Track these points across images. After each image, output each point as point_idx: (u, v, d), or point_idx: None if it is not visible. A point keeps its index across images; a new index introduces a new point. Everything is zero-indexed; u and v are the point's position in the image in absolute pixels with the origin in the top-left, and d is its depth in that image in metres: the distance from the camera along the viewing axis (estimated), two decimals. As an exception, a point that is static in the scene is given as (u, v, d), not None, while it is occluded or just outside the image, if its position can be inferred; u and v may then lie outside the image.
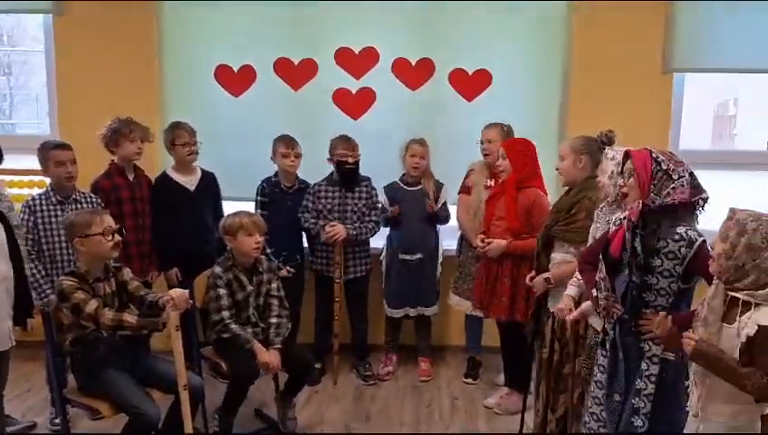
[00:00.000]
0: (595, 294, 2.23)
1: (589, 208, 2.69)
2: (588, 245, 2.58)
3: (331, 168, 3.79)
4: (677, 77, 3.98)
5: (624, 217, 2.15)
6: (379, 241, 4.00)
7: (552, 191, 3.41)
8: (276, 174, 3.83)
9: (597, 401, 2.31)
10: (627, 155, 2.19)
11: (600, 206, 2.59)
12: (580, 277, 2.55)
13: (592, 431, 2.32)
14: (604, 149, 2.68)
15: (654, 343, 2.13)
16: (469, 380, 3.85)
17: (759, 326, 1.69)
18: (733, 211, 1.82)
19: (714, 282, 1.83)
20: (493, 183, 3.57)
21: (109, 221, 2.66)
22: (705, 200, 2.10)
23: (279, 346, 3.03)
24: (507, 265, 3.23)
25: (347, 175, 3.73)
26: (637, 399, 2.13)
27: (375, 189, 3.85)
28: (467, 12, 3.98)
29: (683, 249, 2.03)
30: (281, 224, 3.59)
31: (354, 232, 3.70)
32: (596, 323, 2.47)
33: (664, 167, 2.07)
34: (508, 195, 3.20)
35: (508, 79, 4.05)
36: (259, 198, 3.79)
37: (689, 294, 2.14)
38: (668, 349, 2.12)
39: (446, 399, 3.64)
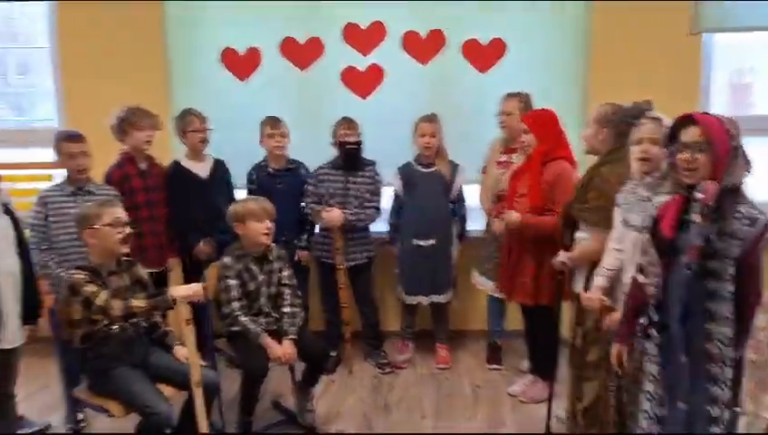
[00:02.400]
0: (642, 280, 2.00)
1: (599, 187, 2.51)
2: (612, 228, 2.40)
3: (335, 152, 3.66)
4: (707, 38, 3.75)
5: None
6: (384, 226, 3.87)
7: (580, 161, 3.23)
8: (266, 158, 3.71)
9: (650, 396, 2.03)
10: (690, 120, 1.88)
11: (631, 184, 2.34)
12: (606, 267, 2.39)
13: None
14: (632, 122, 2.45)
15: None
16: (494, 365, 3.72)
17: None
18: None
19: None
20: (506, 158, 3.41)
21: (118, 213, 2.59)
22: (749, 170, 1.87)
23: (293, 336, 2.93)
24: (529, 247, 3.07)
25: (349, 155, 3.59)
26: (714, 407, 1.86)
27: (379, 175, 3.71)
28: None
29: (745, 228, 1.79)
30: (276, 209, 3.35)
31: (353, 218, 3.57)
32: None
33: (734, 143, 1.82)
34: (533, 170, 3.03)
35: (524, 47, 3.86)
36: (248, 185, 3.70)
37: None
38: None
39: (468, 387, 3.53)
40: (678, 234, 1.88)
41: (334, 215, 3.51)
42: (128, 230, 2.59)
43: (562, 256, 2.68)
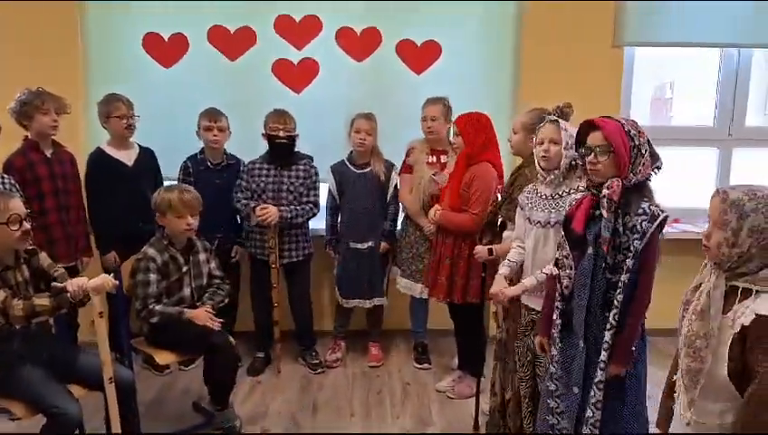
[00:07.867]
0: (556, 272, 2.13)
1: (523, 186, 2.58)
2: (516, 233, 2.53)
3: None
4: (628, 52, 3.92)
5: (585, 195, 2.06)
6: (321, 223, 3.78)
7: (507, 163, 3.28)
8: (202, 150, 3.57)
9: (552, 394, 2.17)
10: (593, 125, 2.01)
11: (531, 186, 2.47)
12: (510, 259, 2.51)
13: (548, 425, 2.17)
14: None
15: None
16: (425, 365, 3.69)
17: (757, 316, 1.50)
18: (724, 193, 1.59)
19: (712, 270, 1.64)
20: (435, 160, 3.46)
21: (14, 207, 2.31)
22: (660, 167, 2.01)
23: (209, 305, 2.92)
24: (448, 245, 3.13)
25: (278, 150, 3.47)
26: (593, 390, 2.00)
27: (315, 168, 3.59)
28: (415, -21, 3.79)
29: (644, 223, 1.92)
30: (211, 204, 3.16)
31: (288, 214, 3.43)
32: (532, 302, 2.47)
33: (636, 142, 1.95)
34: (456, 171, 3.10)
35: (458, 50, 3.89)
36: (182, 176, 3.52)
37: None
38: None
39: (398, 384, 3.50)
40: (587, 229, 2.02)
41: (270, 212, 3.37)
42: (26, 226, 2.34)
43: (483, 250, 2.74)
